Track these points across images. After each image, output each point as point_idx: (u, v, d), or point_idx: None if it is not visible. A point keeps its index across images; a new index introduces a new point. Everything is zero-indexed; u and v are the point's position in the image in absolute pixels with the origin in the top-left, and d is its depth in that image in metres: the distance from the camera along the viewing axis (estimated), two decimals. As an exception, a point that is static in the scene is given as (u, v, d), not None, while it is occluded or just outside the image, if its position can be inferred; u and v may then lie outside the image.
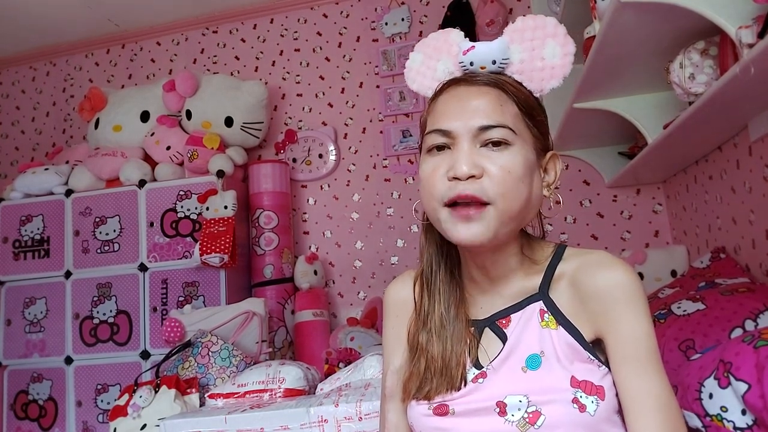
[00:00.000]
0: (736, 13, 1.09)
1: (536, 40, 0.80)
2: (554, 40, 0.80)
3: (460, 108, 0.78)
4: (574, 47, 0.81)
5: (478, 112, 0.77)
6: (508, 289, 0.83)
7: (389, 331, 0.93)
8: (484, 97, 0.78)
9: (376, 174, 2.74)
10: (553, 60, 0.80)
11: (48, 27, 2.99)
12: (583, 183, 2.47)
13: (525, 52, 0.80)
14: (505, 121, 0.76)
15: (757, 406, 0.90)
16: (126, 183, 2.54)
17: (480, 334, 0.83)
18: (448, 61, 0.85)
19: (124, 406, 1.73)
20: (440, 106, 0.81)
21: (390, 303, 0.94)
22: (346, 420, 1.33)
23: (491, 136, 0.76)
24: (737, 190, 1.67)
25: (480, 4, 2.61)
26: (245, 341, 2.06)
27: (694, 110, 1.34)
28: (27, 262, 2.59)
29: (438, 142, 0.79)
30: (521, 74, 0.81)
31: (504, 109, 0.77)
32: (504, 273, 0.83)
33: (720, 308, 1.31)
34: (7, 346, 2.56)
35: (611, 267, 0.77)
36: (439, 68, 0.86)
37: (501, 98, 0.78)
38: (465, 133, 0.77)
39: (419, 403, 0.82)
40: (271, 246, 2.55)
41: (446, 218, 0.77)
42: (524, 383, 0.76)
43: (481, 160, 0.75)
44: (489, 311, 0.84)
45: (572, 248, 0.85)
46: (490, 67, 0.81)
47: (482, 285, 0.85)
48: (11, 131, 3.29)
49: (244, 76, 2.91)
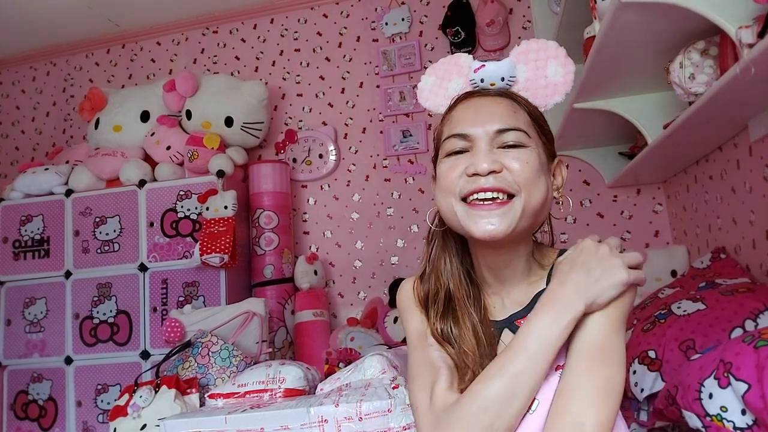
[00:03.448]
0: (736, 13, 1.09)
1: (540, 61, 0.87)
2: (556, 60, 0.87)
3: (477, 114, 0.83)
4: (574, 66, 0.88)
5: (494, 117, 0.82)
6: (516, 293, 0.87)
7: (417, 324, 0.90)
8: (499, 105, 0.84)
9: (376, 174, 2.74)
10: (556, 78, 0.87)
11: (48, 27, 2.99)
12: (583, 183, 2.48)
13: (530, 71, 0.87)
14: (520, 125, 0.82)
15: (757, 406, 0.90)
16: (126, 183, 2.54)
17: (500, 334, 0.86)
18: (459, 81, 0.91)
19: (124, 406, 1.73)
20: (457, 115, 0.86)
21: (404, 297, 0.94)
22: (347, 420, 1.33)
23: (508, 139, 0.80)
24: (737, 190, 1.67)
25: (480, 4, 2.61)
26: (245, 341, 2.06)
27: (694, 110, 1.34)
28: (27, 262, 2.59)
29: (457, 147, 0.83)
30: (527, 91, 0.88)
31: (517, 116, 0.83)
32: (513, 275, 0.86)
33: (720, 308, 1.31)
34: (7, 346, 2.56)
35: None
36: (451, 87, 0.91)
37: (514, 106, 0.84)
38: (483, 137, 0.81)
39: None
40: (272, 246, 2.55)
41: (464, 213, 0.80)
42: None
43: (499, 159, 0.79)
44: (503, 313, 0.87)
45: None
46: (498, 84, 0.87)
47: (493, 287, 0.88)
48: (11, 131, 3.29)
49: (245, 76, 2.91)
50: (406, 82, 2.72)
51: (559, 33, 1.93)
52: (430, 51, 2.73)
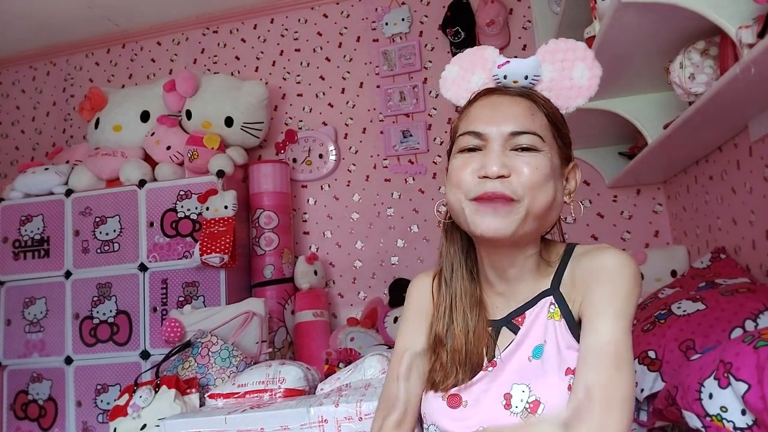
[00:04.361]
0: (736, 13, 1.09)
1: (567, 62, 0.86)
2: (583, 62, 0.86)
3: (494, 114, 0.82)
4: (601, 70, 0.86)
5: (510, 118, 0.81)
6: (522, 292, 0.86)
7: (410, 320, 0.95)
8: (517, 105, 0.82)
9: (377, 174, 2.74)
10: (581, 81, 0.86)
11: (48, 27, 2.99)
12: (583, 183, 2.47)
13: (555, 71, 0.86)
14: (535, 129, 0.81)
15: (757, 407, 0.90)
16: (126, 183, 2.54)
17: (497, 333, 0.86)
18: (482, 74, 0.89)
19: (124, 406, 1.73)
20: (475, 111, 0.85)
21: (414, 295, 0.96)
22: (347, 420, 1.33)
23: (521, 142, 0.79)
24: (737, 191, 1.67)
25: (480, 5, 2.61)
26: (245, 341, 2.06)
27: (694, 110, 1.34)
28: (27, 262, 2.59)
29: (471, 144, 0.82)
30: (550, 91, 0.86)
31: (534, 119, 0.82)
32: (520, 275, 0.86)
33: (720, 308, 1.31)
34: (6, 346, 2.56)
35: (604, 253, 0.81)
36: (473, 80, 0.90)
37: (532, 108, 0.83)
38: (497, 137, 0.80)
39: (436, 395, 0.85)
40: (272, 246, 2.55)
41: (471, 210, 0.79)
42: (528, 372, 0.80)
43: (510, 162, 0.79)
44: (504, 312, 0.87)
45: (583, 246, 0.87)
46: (522, 82, 0.85)
47: (498, 287, 0.88)
48: (11, 131, 3.29)
49: (245, 76, 2.91)
50: (407, 82, 2.72)
51: (559, 33, 1.92)
52: (430, 51, 2.73)
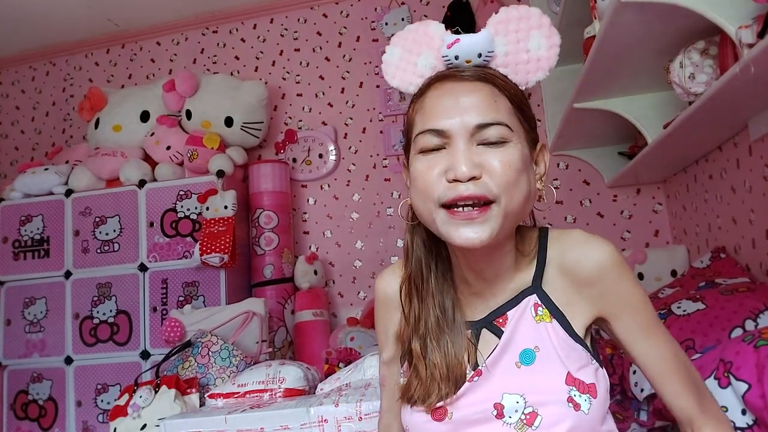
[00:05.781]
0: (736, 13, 1.09)
1: (521, 32, 0.77)
2: (539, 31, 0.76)
3: (453, 105, 0.74)
4: (560, 38, 0.78)
5: (472, 109, 0.73)
6: (502, 288, 0.81)
7: (379, 324, 0.92)
8: (478, 93, 0.74)
9: (376, 174, 2.74)
10: (539, 52, 0.77)
11: (48, 27, 2.99)
12: (583, 183, 2.47)
13: (510, 44, 0.77)
14: (501, 118, 0.73)
15: (757, 406, 0.90)
16: (126, 183, 2.54)
17: (477, 335, 0.81)
18: (429, 55, 0.79)
19: (124, 406, 1.73)
20: (430, 104, 0.76)
21: (380, 295, 0.91)
22: (346, 420, 1.33)
23: (488, 135, 0.72)
24: (737, 190, 1.67)
25: (480, 4, 2.61)
26: (245, 341, 2.06)
27: (694, 110, 1.34)
28: (27, 262, 2.59)
29: (432, 144, 0.74)
30: (506, 67, 0.77)
31: (498, 105, 0.74)
32: (498, 272, 0.81)
33: (720, 308, 1.31)
34: (7, 346, 2.56)
35: (594, 247, 0.78)
36: (420, 63, 0.80)
37: (494, 93, 0.75)
38: (461, 132, 0.73)
39: (418, 409, 0.79)
40: (271, 246, 2.55)
41: (445, 220, 0.73)
42: (519, 380, 0.75)
43: (479, 159, 0.72)
44: (484, 311, 0.82)
45: (553, 230, 0.84)
46: (475, 61, 0.77)
47: (475, 286, 0.83)
48: (11, 131, 3.29)
49: (244, 76, 2.91)
50: (406, 81, 2.71)
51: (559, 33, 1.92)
52: (429, 51, 2.73)
